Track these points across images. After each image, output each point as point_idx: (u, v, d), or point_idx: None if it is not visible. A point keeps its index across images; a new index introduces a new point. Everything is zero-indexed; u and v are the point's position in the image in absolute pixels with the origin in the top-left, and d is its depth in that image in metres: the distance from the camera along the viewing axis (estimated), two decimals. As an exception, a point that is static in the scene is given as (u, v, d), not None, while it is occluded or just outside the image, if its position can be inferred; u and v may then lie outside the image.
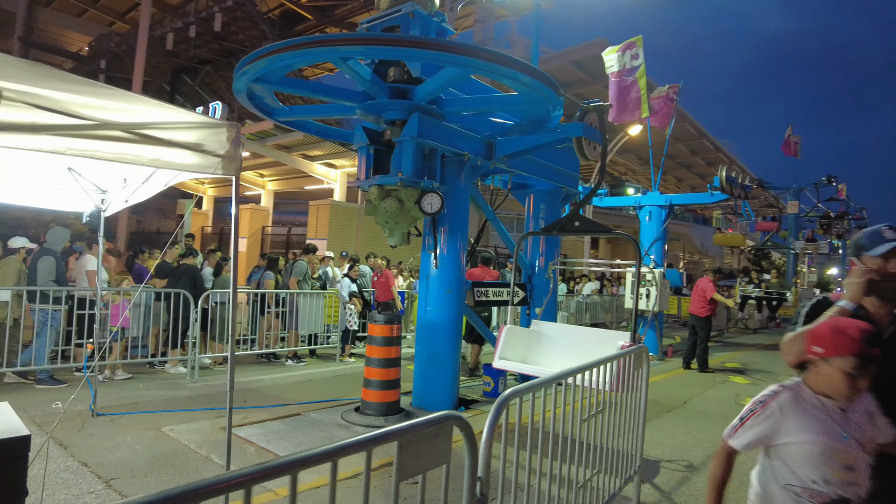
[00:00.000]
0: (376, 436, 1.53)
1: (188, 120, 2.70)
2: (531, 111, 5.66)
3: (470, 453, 1.90)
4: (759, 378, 9.77)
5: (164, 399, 6.14)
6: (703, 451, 5.42)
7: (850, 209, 36.37)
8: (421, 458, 1.68)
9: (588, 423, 3.06)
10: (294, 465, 1.31)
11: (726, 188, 10.04)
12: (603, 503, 3.39)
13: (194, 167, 2.75)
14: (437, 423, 1.72)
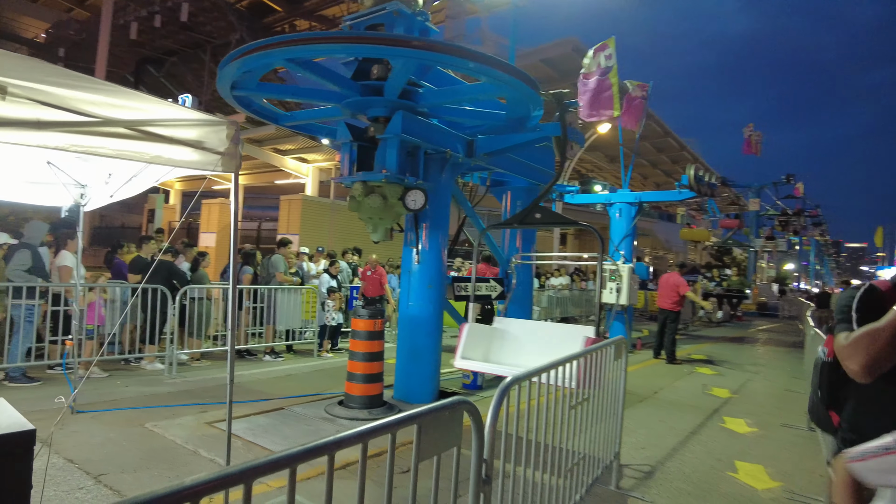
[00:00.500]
0: (400, 419, 1.64)
1: (190, 117, 2.74)
2: (513, 111, 5.80)
3: (476, 437, 2.02)
4: (725, 369, 10.19)
5: (143, 395, 6.10)
6: (674, 438, 5.68)
7: (806, 206, 37.86)
8: (437, 441, 1.80)
9: (575, 411, 3.23)
10: (331, 447, 1.41)
11: (694, 186, 10.41)
12: (586, 487, 3.57)
13: (195, 164, 2.80)
14: (451, 408, 1.85)
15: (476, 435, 2.01)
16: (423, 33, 5.92)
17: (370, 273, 10.31)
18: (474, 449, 2.02)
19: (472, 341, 5.76)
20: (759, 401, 7.67)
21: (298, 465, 1.34)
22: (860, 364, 1.74)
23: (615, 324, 11.66)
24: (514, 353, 5.89)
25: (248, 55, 4.97)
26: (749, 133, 30.46)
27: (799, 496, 4.34)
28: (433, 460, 1.92)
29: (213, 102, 27.87)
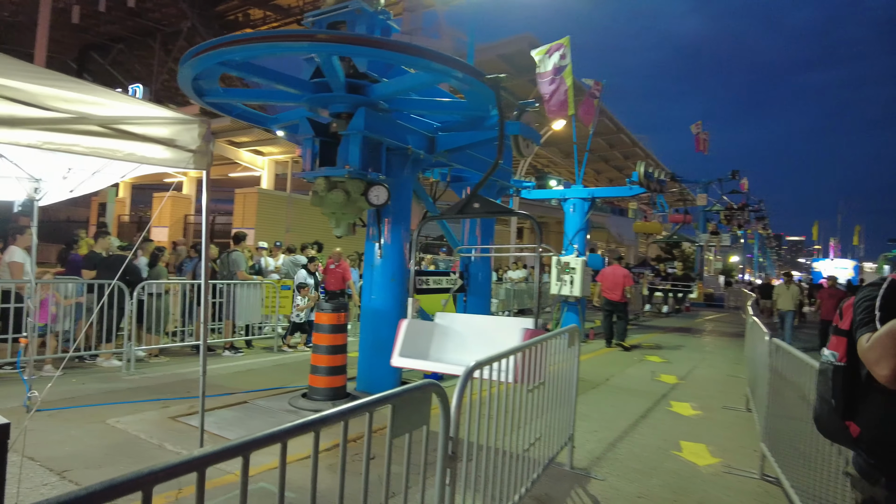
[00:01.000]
0: (377, 399, 1.81)
1: (162, 115, 2.81)
2: (472, 109, 5.99)
3: (444, 416, 2.21)
4: (673, 357, 10.72)
5: (102, 392, 6.03)
6: (625, 421, 6.02)
7: (750, 202, 39.63)
8: (408, 420, 1.97)
9: (532, 394, 3.46)
10: (317, 424, 1.56)
11: (644, 182, 10.87)
12: (543, 466, 3.81)
13: (167, 161, 2.87)
14: (421, 389, 2.02)
15: (443, 414, 2.19)
16: (384, 31, 6.04)
17: (333, 266, 10.36)
18: (442, 427, 2.20)
19: (411, 338, 5.38)
20: (703, 386, 8.15)
21: (289, 439, 1.49)
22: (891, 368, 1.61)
23: (569, 314, 12.10)
24: (455, 350, 5.55)
25: (205, 53, 4.97)
26: (697, 131, 31.68)
27: (735, 470, 4.72)
28: (405, 442, 2.09)
29: (163, 92, 27.04)
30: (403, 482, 2.12)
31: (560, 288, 11.50)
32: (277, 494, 1.58)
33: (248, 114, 6.92)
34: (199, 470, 1.23)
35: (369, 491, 1.90)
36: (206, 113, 16.57)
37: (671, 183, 30.65)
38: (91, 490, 1.02)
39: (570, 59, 11.48)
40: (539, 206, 34.28)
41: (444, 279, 7.67)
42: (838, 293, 11.79)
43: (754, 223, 42.86)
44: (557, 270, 11.69)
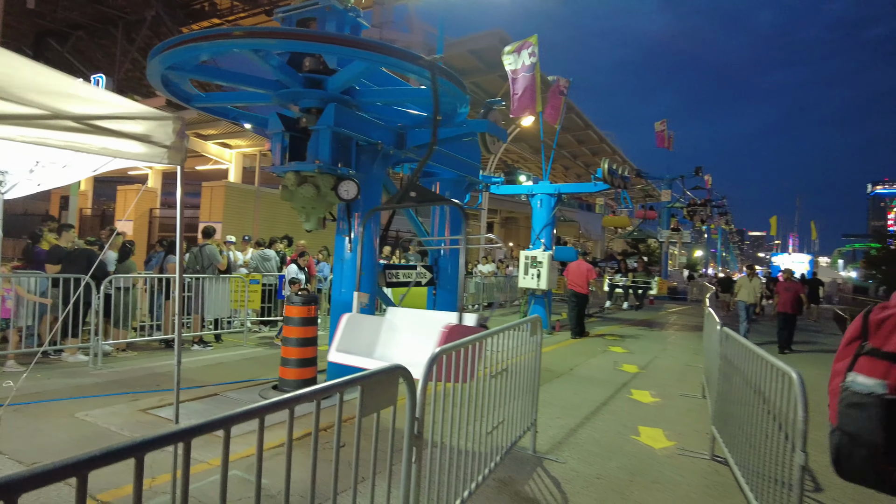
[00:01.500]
0: (347, 380, 1.95)
1: (137, 111, 2.87)
2: (441, 106, 6.11)
3: (410, 398, 2.36)
4: (635, 348, 11.09)
5: (69, 387, 6.00)
6: (586, 408, 6.28)
7: (713, 197, 40.78)
8: (376, 400, 2.12)
9: (496, 380, 3.64)
10: (292, 402, 1.70)
11: (608, 179, 11.18)
12: (506, 449, 4.01)
13: (142, 157, 2.93)
14: (389, 372, 2.17)
15: (409, 396, 2.35)
16: (353, 29, 6.12)
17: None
18: (408, 407, 2.36)
19: (351, 333, 5.14)
20: (663, 375, 8.49)
21: (267, 415, 1.62)
22: None
23: (536, 307, 12.39)
24: (401, 346, 5.28)
25: (175, 48, 4.99)
26: (662, 128, 32.45)
27: (688, 452, 5.00)
28: (374, 427, 2.23)
29: (127, 83, 26.38)
30: (372, 461, 2.26)
31: (527, 281, 11.82)
32: (256, 470, 1.71)
33: (228, 110, 6.93)
34: (185, 441, 1.36)
35: (339, 475, 2.04)
36: (171, 104, 16.31)
37: (636, 179, 31.41)
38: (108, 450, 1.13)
39: (539, 57, 11.71)
40: (510, 201, 34.73)
41: (414, 273, 7.81)
42: (794, 286, 12.01)
43: (717, 218, 44.09)
44: (525, 264, 11.97)
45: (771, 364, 3.31)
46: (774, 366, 3.22)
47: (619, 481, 4.26)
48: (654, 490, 4.14)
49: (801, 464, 2.67)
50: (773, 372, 3.26)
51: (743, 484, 3.87)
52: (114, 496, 3.49)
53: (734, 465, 4.18)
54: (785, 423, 3.03)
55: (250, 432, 4.37)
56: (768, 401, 3.34)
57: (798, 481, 2.71)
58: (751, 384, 3.84)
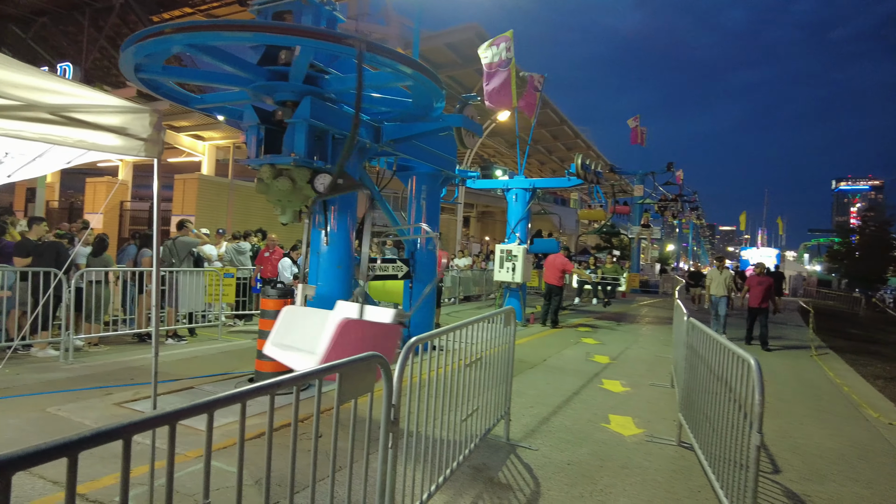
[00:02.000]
0: (324, 368, 2.02)
1: (113, 104, 2.87)
2: (417, 101, 6.17)
3: (386, 385, 2.44)
4: (607, 339, 11.33)
5: (40, 382, 5.92)
6: (558, 397, 6.43)
7: (685, 193, 41.56)
8: (353, 387, 2.19)
9: (470, 370, 3.73)
10: (272, 387, 1.76)
11: (581, 174, 11.37)
12: (480, 437, 4.11)
13: (118, 149, 2.94)
14: (366, 360, 2.24)
15: (386, 383, 2.42)
16: (330, 22, 6.13)
17: (268, 255, 10.32)
18: (385, 395, 2.43)
19: (287, 327, 4.89)
20: (633, 365, 8.71)
21: (248, 400, 1.68)
22: None
23: (511, 299, 12.56)
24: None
25: (147, 40, 4.94)
26: (635, 124, 32.93)
27: (656, 438, 5.18)
28: (351, 416, 2.30)
29: (95, 72, 25.74)
30: (349, 449, 2.33)
31: (502, 275, 11.98)
32: (238, 456, 1.77)
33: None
34: (170, 423, 1.41)
35: (318, 464, 2.10)
36: (142, 95, 16.01)
37: (609, 175, 31.85)
38: (98, 431, 1.18)
39: (514, 52, 11.81)
40: (486, 195, 34.90)
41: (391, 266, 7.87)
42: (766, 280, 11.59)
43: (689, 213, 44.94)
44: (501, 258, 12.11)
45: (731, 352, 3.47)
46: (735, 353, 3.38)
47: (590, 467, 4.40)
48: (623, 475, 4.29)
49: (757, 444, 2.83)
50: (734, 359, 3.42)
51: (706, 467, 4.05)
52: (90, 488, 3.50)
53: (698, 449, 4.36)
54: (745, 407, 3.19)
55: (227, 423, 4.42)
56: (729, 387, 3.50)
57: (754, 461, 2.87)
58: (714, 372, 4.01)
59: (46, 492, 3.44)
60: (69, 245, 7.73)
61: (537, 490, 3.90)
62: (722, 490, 3.59)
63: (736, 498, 3.27)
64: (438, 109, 6.35)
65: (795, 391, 7.68)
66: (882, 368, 10.16)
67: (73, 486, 1.22)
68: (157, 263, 3.25)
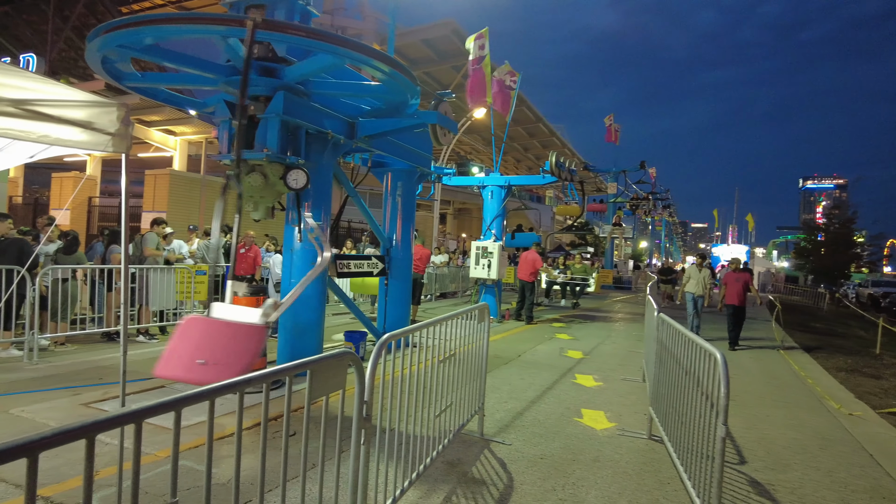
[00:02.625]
0: (295, 364, 2.01)
1: (78, 98, 2.81)
2: (391, 98, 6.15)
3: (359, 381, 2.44)
4: (580, 335, 11.47)
5: (3, 383, 5.74)
6: (533, 393, 6.50)
7: (658, 190, 42.23)
8: (325, 384, 2.19)
9: (443, 366, 3.75)
10: (241, 385, 1.75)
11: (555, 171, 11.47)
12: (454, 433, 4.14)
13: (84, 144, 2.88)
14: (337, 357, 2.24)
15: (358, 380, 2.43)
16: (303, 16, 6.07)
17: (244, 251, 10.13)
18: (357, 391, 2.44)
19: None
20: (606, 360, 8.84)
21: (217, 397, 1.67)
22: None
23: (486, 296, 12.62)
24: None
25: (116, 31, 4.82)
26: (610, 123, 33.34)
27: (627, 432, 5.28)
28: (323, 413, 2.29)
29: (60, 63, 25.03)
30: (321, 446, 2.33)
31: (478, 271, 12.05)
32: (206, 454, 1.76)
33: (168, 95, 6.72)
34: (136, 422, 1.40)
35: (289, 462, 2.10)
36: (110, 88, 15.62)
37: (584, 172, 32.21)
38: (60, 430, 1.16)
39: (489, 49, 11.86)
40: (462, 192, 34.96)
41: (366, 263, 7.84)
42: (743, 276, 11.10)
43: (661, 211, 45.69)
44: (476, 254, 12.16)
45: (699, 346, 3.55)
46: (703, 347, 3.46)
47: (562, 461, 4.46)
48: (595, 468, 4.36)
49: (723, 436, 2.91)
50: (702, 353, 3.51)
51: (675, 459, 4.14)
52: (55, 491, 3.43)
53: (668, 442, 4.45)
54: (712, 399, 3.27)
55: (197, 423, 4.37)
56: (697, 380, 3.59)
57: (720, 452, 2.95)
58: (682, 366, 4.10)
59: (8, 495, 3.36)
60: (34, 242, 7.51)
61: (510, 484, 3.94)
62: (690, 481, 3.68)
63: (703, 489, 3.36)
64: (413, 106, 6.35)
65: (762, 384, 7.89)
66: (844, 361, 10.48)
67: (34, 487, 1.19)
68: (125, 261, 3.19)
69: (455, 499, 3.65)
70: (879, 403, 7.22)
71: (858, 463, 4.92)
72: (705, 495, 3.28)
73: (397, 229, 8.58)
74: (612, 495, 3.89)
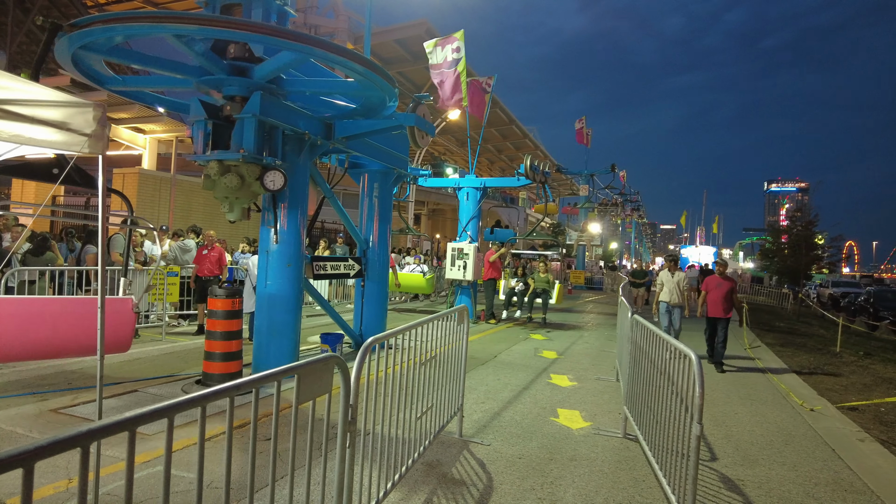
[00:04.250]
0: (284, 369, 2.01)
1: (53, 98, 2.75)
2: (368, 98, 6.14)
3: (344, 385, 2.45)
4: (554, 335, 11.61)
5: (-35, 388, 5.57)
6: (509, 393, 6.57)
7: (627, 192, 42.93)
8: (311, 388, 2.19)
9: (424, 368, 3.78)
10: (231, 390, 1.75)
11: (530, 174, 11.59)
12: (434, 434, 4.17)
13: (58, 144, 2.82)
14: (324, 361, 2.25)
15: (344, 383, 2.44)
16: (280, 16, 6.02)
17: (206, 252, 9.81)
18: (342, 395, 2.45)
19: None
20: (579, 360, 8.97)
21: (208, 403, 1.67)
22: None
23: (462, 297, 12.68)
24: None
25: (87, 28, 4.72)
26: (581, 125, 33.80)
27: (603, 431, 5.37)
28: (309, 416, 2.29)
29: (20, 57, 24.24)
30: (308, 449, 2.33)
31: (453, 272, 12.10)
32: (198, 461, 1.75)
33: (141, 94, 6.59)
34: (130, 430, 1.39)
35: (276, 465, 2.09)
36: (76, 84, 15.18)
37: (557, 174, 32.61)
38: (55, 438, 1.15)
39: (465, 52, 11.91)
40: (436, 193, 34.96)
41: (343, 264, 7.81)
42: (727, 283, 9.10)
43: (630, 212, 46.45)
44: (452, 256, 12.20)
45: (673, 347, 3.65)
46: (677, 348, 3.56)
47: (539, 460, 4.53)
48: (571, 467, 4.44)
49: (698, 434, 3.00)
50: (675, 354, 3.61)
51: (650, 457, 4.25)
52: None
53: (643, 440, 4.56)
54: (686, 399, 3.37)
55: (185, 424, 4.30)
56: (671, 380, 3.69)
57: (695, 450, 3.04)
58: (656, 366, 4.20)
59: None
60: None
61: (490, 484, 3.98)
62: (665, 478, 3.78)
63: (678, 486, 3.45)
64: (391, 108, 6.35)
65: (728, 382, 8.11)
66: (806, 359, 10.84)
67: (30, 497, 1.18)
68: (101, 262, 3.13)
69: (436, 500, 3.68)
70: (839, 399, 7.50)
71: (821, 457, 5.11)
72: (680, 492, 3.38)
73: (374, 231, 8.57)
74: (590, 493, 3.97)
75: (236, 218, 6.14)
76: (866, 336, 16.87)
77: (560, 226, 38.92)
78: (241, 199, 6.00)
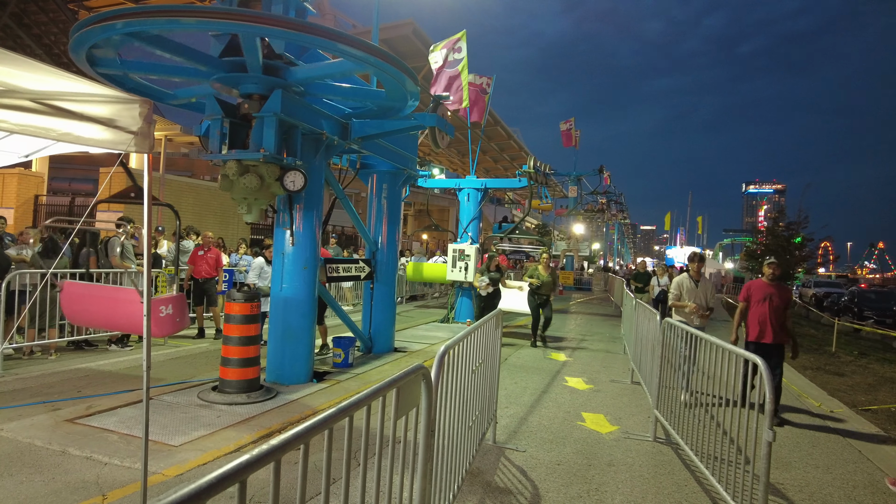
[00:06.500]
0: (386, 384, 1.89)
1: (100, 93, 2.57)
2: (392, 99, 6.00)
3: (427, 396, 2.33)
4: (558, 336, 11.57)
5: (-32, 398, 5.30)
6: (529, 397, 6.48)
7: (614, 194, 43.26)
8: (405, 401, 2.07)
9: (474, 375, 3.67)
10: (349, 409, 1.62)
11: (534, 175, 11.55)
12: (479, 441, 4.06)
13: (106, 143, 2.65)
14: (415, 373, 2.13)
15: (426, 395, 2.31)
16: (299, 12, 5.87)
17: (202, 253, 9.48)
18: (424, 407, 2.32)
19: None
20: (588, 363, 8.92)
21: (334, 424, 1.54)
22: None
23: (463, 299, 12.57)
24: None
25: (92, 27, 4.53)
26: (568, 126, 33.90)
27: (632, 435, 5.31)
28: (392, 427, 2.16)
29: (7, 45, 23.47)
30: (400, 466, 2.21)
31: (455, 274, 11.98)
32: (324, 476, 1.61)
33: (144, 88, 6.35)
34: (276, 459, 1.26)
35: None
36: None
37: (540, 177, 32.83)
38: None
39: (466, 53, 11.81)
40: (423, 193, 34.80)
41: (354, 267, 7.65)
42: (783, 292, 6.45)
43: (615, 213, 46.80)
44: (453, 257, 12.09)
45: (730, 352, 3.59)
46: (736, 353, 3.50)
47: (578, 466, 4.44)
48: (612, 472, 4.36)
49: (769, 440, 2.94)
50: (732, 359, 3.54)
51: (698, 463, 4.14)
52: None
53: (686, 446, 4.45)
54: (742, 403, 3.30)
55: (222, 429, 4.12)
56: (725, 386, 3.63)
57: (765, 456, 2.98)
58: (705, 371, 4.14)
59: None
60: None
61: (536, 492, 3.89)
62: (720, 484, 3.71)
63: (738, 491, 3.39)
64: (412, 107, 6.23)
65: (741, 383, 8.12)
66: (806, 360, 10.94)
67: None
68: (147, 265, 2.96)
69: (486, 510, 3.57)
70: (850, 400, 7.55)
71: (850, 459, 5.10)
72: (740, 498, 3.32)
73: (383, 232, 8.43)
74: (636, 499, 3.89)
75: (253, 219, 5.96)
76: (854, 335, 17.15)
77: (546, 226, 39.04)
78: (259, 200, 5.82)
